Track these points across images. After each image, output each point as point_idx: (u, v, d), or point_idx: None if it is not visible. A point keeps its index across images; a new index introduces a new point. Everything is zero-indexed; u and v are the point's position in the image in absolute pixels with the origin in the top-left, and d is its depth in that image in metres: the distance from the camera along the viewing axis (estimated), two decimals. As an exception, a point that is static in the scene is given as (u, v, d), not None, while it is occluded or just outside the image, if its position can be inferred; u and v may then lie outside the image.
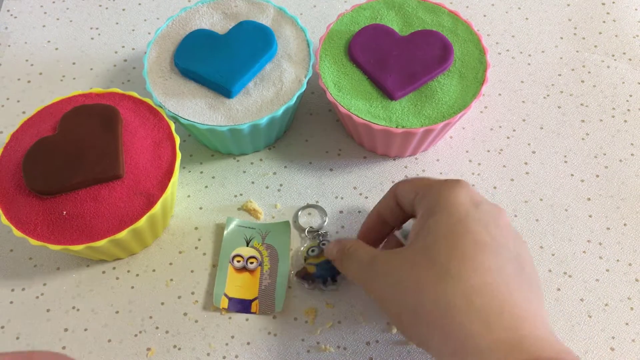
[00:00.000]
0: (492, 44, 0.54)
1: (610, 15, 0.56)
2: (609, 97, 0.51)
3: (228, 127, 0.42)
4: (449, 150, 0.48)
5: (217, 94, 0.43)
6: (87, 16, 0.56)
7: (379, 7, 0.47)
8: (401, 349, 0.40)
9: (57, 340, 0.41)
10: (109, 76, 0.53)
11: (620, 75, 0.52)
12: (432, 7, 0.47)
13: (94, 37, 0.55)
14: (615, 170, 0.47)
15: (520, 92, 0.51)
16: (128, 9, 0.57)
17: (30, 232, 0.38)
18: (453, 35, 0.45)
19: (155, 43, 0.46)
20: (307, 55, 0.45)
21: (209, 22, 0.47)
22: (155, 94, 0.43)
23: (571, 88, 0.52)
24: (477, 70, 0.44)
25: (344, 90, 0.43)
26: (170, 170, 0.40)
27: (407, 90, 0.42)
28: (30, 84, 0.52)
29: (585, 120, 0.50)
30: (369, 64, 0.43)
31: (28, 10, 0.57)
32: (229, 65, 0.43)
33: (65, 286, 0.43)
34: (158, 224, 0.42)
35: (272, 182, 0.47)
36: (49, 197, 0.38)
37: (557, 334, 0.40)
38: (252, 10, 0.47)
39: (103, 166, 0.38)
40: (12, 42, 0.55)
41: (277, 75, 0.44)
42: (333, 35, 0.46)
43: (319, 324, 0.41)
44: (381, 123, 0.42)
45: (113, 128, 0.40)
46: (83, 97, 0.43)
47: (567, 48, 0.54)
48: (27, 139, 0.41)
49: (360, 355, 0.40)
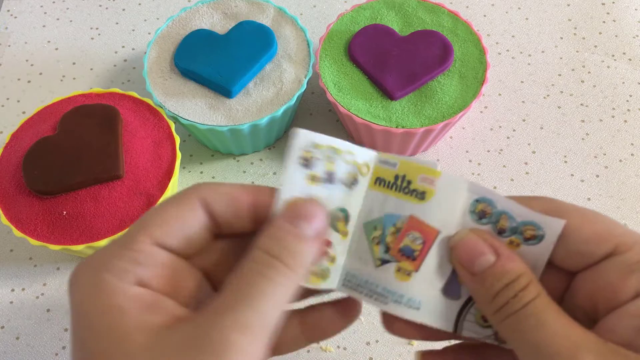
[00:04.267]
0: (492, 44, 0.54)
1: (610, 15, 0.56)
2: (609, 97, 0.51)
3: (228, 127, 0.42)
4: (449, 150, 0.48)
5: (217, 94, 0.43)
6: (87, 16, 0.56)
7: (379, 7, 0.47)
8: (401, 349, 0.40)
9: (57, 340, 0.41)
10: (109, 76, 0.53)
11: (620, 75, 0.52)
12: (432, 7, 0.47)
13: (94, 37, 0.55)
14: (615, 170, 0.47)
15: (520, 92, 0.51)
16: (128, 9, 0.57)
17: (30, 232, 0.38)
18: (453, 35, 0.45)
19: (155, 43, 0.46)
20: (307, 55, 0.45)
21: (209, 22, 0.47)
22: (155, 94, 0.43)
23: (571, 88, 0.52)
24: (477, 70, 0.44)
25: (344, 90, 0.43)
26: (170, 170, 0.40)
27: (407, 90, 0.42)
28: (30, 84, 0.52)
29: (585, 120, 0.50)
30: (369, 64, 0.43)
31: (28, 10, 0.57)
32: (229, 65, 0.43)
33: (65, 286, 0.43)
34: (158, 224, 0.42)
35: (272, 182, 0.47)
36: (49, 197, 0.38)
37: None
38: (252, 10, 0.47)
39: (103, 166, 0.38)
40: (12, 42, 0.55)
41: (277, 75, 0.44)
42: (333, 35, 0.46)
43: (319, 324, 0.41)
44: (381, 123, 0.42)
45: (113, 128, 0.40)
46: (83, 97, 0.43)
47: (567, 48, 0.54)
48: (27, 139, 0.41)
49: (360, 355, 0.40)
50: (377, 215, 0.26)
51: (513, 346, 0.22)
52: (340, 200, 0.26)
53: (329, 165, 0.25)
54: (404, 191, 0.25)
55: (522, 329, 0.21)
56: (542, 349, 0.20)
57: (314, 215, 0.23)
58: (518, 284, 0.22)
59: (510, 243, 0.25)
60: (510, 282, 0.22)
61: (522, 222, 0.24)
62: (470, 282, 0.23)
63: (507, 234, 0.25)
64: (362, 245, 0.26)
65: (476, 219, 0.25)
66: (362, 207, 0.26)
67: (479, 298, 0.23)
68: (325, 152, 0.26)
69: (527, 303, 0.21)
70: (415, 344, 0.40)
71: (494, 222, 0.25)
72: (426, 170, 0.25)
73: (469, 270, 0.23)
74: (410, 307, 0.25)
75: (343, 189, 0.26)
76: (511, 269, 0.22)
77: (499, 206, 0.25)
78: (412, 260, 0.25)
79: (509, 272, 0.22)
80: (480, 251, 0.23)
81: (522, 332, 0.21)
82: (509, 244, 0.25)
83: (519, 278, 0.22)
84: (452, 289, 0.25)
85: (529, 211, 0.24)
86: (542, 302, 0.22)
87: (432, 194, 0.25)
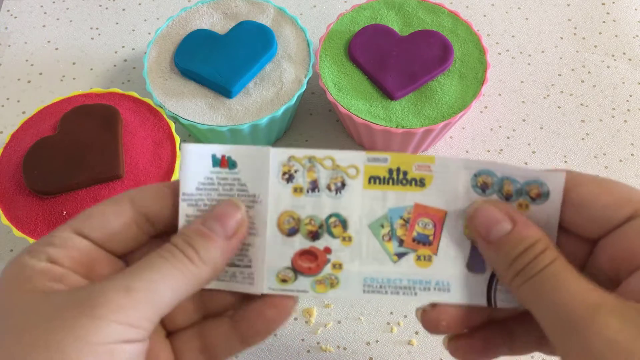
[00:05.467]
0: (492, 44, 0.54)
1: (610, 15, 0.56)
2: (609, 97, 0.51)
3: (228, 127, 0.42)
4: (449, 150, 0.48)
5: (217, 94, 0.43)
6: (87, 16, 0.56)
7: (379, 7, 0.47)
8: (401, 349, 0.40)
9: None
10: (109, 76, 0.53)
11: (620, 75, 0.52)
12: (432, 7, 0.47)
13: (94, 37, 0.55)
14: (615, 170, 0.47)
15: (520, 92, 0.51)
16: (128, 9, 0.57)
17: (30, 232, 0.38)
18: (453, 35, 0.45)
19: (155, 43, 0.46)
20: (307, 55, 0.45)
21: (209, 22, 0.47)
22: (155, 94, 0.43)
23: (571, 88, 0.52)
24: (477, 70, 0.44)
25: (344, 90, 0.43)
26: (170, 170, 0.40)
27: (407, 90, 0.42)
28: (30, 84, 0.52)
29: (585, 120, 0.50)
30: (369, 64, 0.43)
31: (28, 10, 0.57)
32: (229, 65, 0.43)
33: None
34: (158, 224, 0.42)
35: (272, 182, 0.47)
36: (49, 197, 0.38)
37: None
38: (252, 10, 0.47)
39: (103, 166, 0.38)
40: (12, 42, 0.55)
41: (277, 75, 0.44)
42: (333, 35, 0.46)
43: (319, 324, 0.41)
44: (381, 123, 0.42)
45: (113, 128, 0.40)
46: (83, 97, 0.43)
47: (567, 48, 0.54)
48: (27, 139, 0.41)
49: (360, 355, 0.40)
50: (380, 213, 0.26)
51: (532, 310, 0.22)
52: (330, 206, 0.26)
53: (311, 175, 0.26)
54: (402, 183, 0.26)
55: (541, 291, 0.21)
56: (562, 309, 0.20)
57: (225, 214, 0.25)
58: (536, 249, 0.22)
59: (520, 206, 0.25)
60: (528, 247, 0.22)
61: (526, 182, 0.25)
62: (488, 250, 0.24)
63: (514, 197, 0.25)
64: (373, 247, 0.26)
65: (480, 192, 0.25)
66: (362, 209, 0.26)
67: (497, 265, 0.23)
68: (304, 162, 0.26)
69: (545, 266, 0.22)
70: (416, 343, 0.40)
71: (498, 190, 0.25)
72: (420, 158, 0.26)
73: (486, 239, 0.24)
74: (440, 290, 0.26)
75: (330, 195, 0.26)
76: (528, 235, 0.23)
77: (499, 174, 0.25)
78: (428, 245, 0.26)
79: (526, 238, 0.23)
80: (497, 219, 0.23)
81: (541, 294, 0.21)
82: (518, 208, 0.25)
83: (536, 243, 0.22)
84: (476, 263, 0.26)
85: (530, 170, 0.25)
86: (560, 264, 0.22)
87: (431, 179, 0.25)
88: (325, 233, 0.26)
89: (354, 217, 0.26)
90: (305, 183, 0.26)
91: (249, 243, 0.26)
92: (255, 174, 0.26)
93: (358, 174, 0.26)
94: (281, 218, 0.26)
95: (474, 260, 0.26)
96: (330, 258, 0.26)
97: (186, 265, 0.23)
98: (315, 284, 0.26)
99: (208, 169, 0.26)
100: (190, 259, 0.23)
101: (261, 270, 0.26)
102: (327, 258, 0.26)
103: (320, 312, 0.41)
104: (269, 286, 0.26)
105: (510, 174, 0.25)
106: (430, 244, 0.26)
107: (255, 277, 0.26)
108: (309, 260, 0.26)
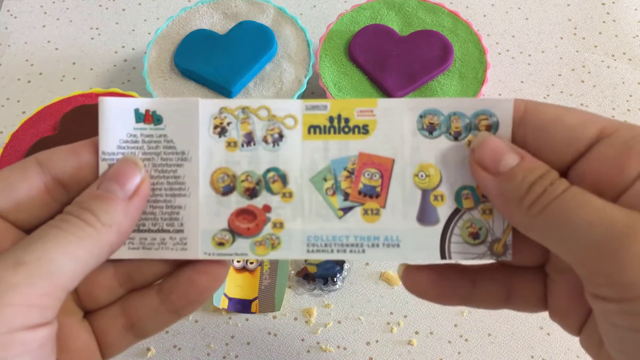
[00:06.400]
0: (492, 44, 0.54)
1: (610, 15, 0.56)
2: (609, 97, 0.51)
3: (228, 127, 0.42)
4: (449, 150, 0.48)
5: (217, 94, 0.43)
6: (87, 16, 0.56)
7: (379, 7, 0.47)
8: (401, 349, 0.40)
9: (57, 340, 0.41)
10: (109, 76, 0.53)
11: (620, 75, 0.52)
12: (432, 7, 0.47)
13: (94, 37, 0.55)
14: (615, 170, 0.47)
15: (520, 92, 0.51)
16: (128, 9, 0.57)
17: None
18: (453, 35, 0.45)
19: (155, 43, 0.46)
20: (307, 55, 0.45)
21: (209, 22, 0.47)
22: (155, 94, 0.43)
23: (571, 88, 0.52)
24: (477, 70, 0.44)
25: (344, 90, 0.43)
26: (170, 170, 0.40)
27: (407, 90, 0.43)
28: (30, 84, 0.52)
29: (585, 120, 0.50)
30: (369, 64, 0.43)
31: (28, 10, 0.57)
32: (229, 65, 0.43)
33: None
34: (158, 224, 0.42)
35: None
36: (49, 197, 0.38)
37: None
38: (252, 10, 0.47)
39: (103, 166, 0.38)
40: (12, 42, 0.55)
41: (277, 75, 0.44)
42: (333, 35, 0.46)
43: (319, 324, 0.41)
44: (381, 123, 0.42)
45: (113, 128, 0.40)
46: (83, 97, 0.43)
47: (567, 48, 0.54)
48: (27, 139, 0.41)
49: (360, 355, 0.40)
50: (322, 166, 0.24)
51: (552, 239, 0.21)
52: (268, 160, 0.24)
53: (245, 127, 0.24)
54: (344, 131, 0.24)
55: (564, 214, 0.20)
56: (594, 225, 0.19)
57: (122, 174, 0.22)
58: (551, 175, 0.21)
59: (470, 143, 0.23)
60: (543, 174, 0.21)
61: (473, 114, 0.23)
62: (495, 182, 0.22)
63: (463, 134, 0.24)
64: (316, 202, 0.24)
65: (427, 135, 0.24)
66: (302, 162, 0.24)
67: (507, 196, 0.22)
68: (237, 113, 0.24)
69: (565, 189, 0.20)
70: (415, 343, 0.40)
71: (446, 130, 0.24)
72: (361, 102, 0.24)
73: (493, 170, 0.22)
74: (389, 247, 0.24)
75: (268, 148, 0.24)
76: (540, 164, 0.22)
77: (445, 111, 0.24)
78: (376, 197, 0.24)
79: (539, 166, 0.21)
80: (505, 150, 0.22)
81: (567, 216, 0.20)
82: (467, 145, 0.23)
83: (549, 171, 0.21)
84: (428, 214, 0.24)
85: (476, 100, 0.23)
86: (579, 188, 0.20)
87: (374, 124, 0.24)
88: (263, 190, 0.24)
89: (294, 171, 0.24)
90: (240, 136, 0.24)
91: (179, 205, 0.24)
92: (184, 129, 0.24)
93: (296, 124, 0.24)
94: (214, 176, 0.24)
95: (426, 211, 0.24)
96: (270, 217, 0.24)
97: (84, 230, 0.21)
98: (254, 245, 0.24)
99: (131, 125, 0.24)
100: (89, 223, 0.21)
101: (195, 234, 0.24)
102: (267, 217, 0.24)
103: (320, 312, 0.41)
104: (204, 250, 0.24)
105: (456, 107, 0.23)
106: (378, 196, 0.24)
107: (188, 241, 0.24)
108: (247, 220, 0.24)
